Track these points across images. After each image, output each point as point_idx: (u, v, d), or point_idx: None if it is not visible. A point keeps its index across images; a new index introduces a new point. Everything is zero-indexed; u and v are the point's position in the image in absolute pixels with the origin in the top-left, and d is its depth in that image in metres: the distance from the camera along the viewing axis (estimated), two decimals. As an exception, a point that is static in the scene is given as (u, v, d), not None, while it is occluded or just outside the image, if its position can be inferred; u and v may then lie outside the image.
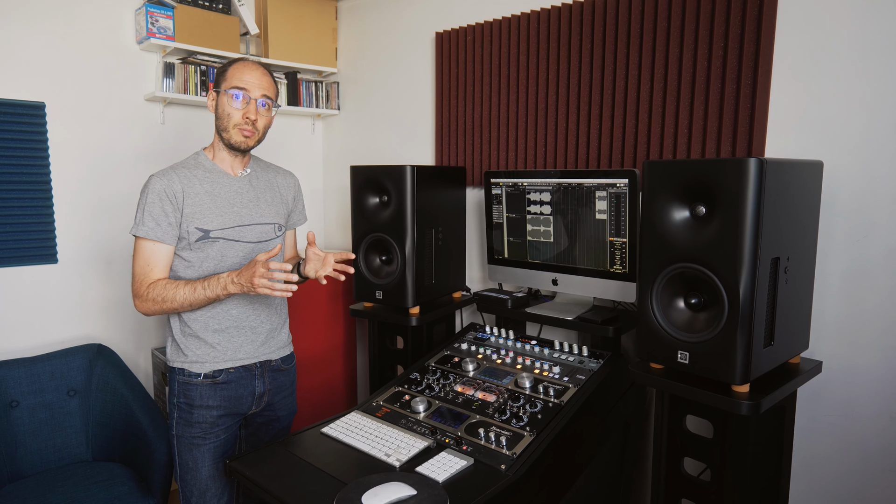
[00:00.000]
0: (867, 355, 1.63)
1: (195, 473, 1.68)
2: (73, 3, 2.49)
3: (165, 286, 1.57)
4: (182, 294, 1.56)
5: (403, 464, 1.44)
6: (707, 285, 1.38)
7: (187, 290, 1.56)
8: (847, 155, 1.62)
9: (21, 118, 2.39)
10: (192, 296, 1.56)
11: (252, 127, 1.63)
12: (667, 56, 1.89)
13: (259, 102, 1.62)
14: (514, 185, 2.12)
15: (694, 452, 1.55)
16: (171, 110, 2.82)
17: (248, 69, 1.63)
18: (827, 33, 1.63)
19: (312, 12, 3.05)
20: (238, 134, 1.63)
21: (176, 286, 1.57)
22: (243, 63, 1.64)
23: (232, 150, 1.67)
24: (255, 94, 1.61)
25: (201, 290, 1.55)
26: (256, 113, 1.62)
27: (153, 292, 1.57)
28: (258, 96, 1.62)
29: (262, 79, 1.64)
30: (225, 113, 1.62)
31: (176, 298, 1.56)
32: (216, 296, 1.56)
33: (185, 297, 1.56)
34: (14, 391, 2.26)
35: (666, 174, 1.42)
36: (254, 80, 1.62)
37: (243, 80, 1.61)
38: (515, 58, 2.31)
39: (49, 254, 2.51)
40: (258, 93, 1.62)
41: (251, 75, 1.62)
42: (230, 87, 1.60)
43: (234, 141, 1.64)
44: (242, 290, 1.52)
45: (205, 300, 1.57)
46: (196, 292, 1.56)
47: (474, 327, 2.20)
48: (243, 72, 1.62)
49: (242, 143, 1.64)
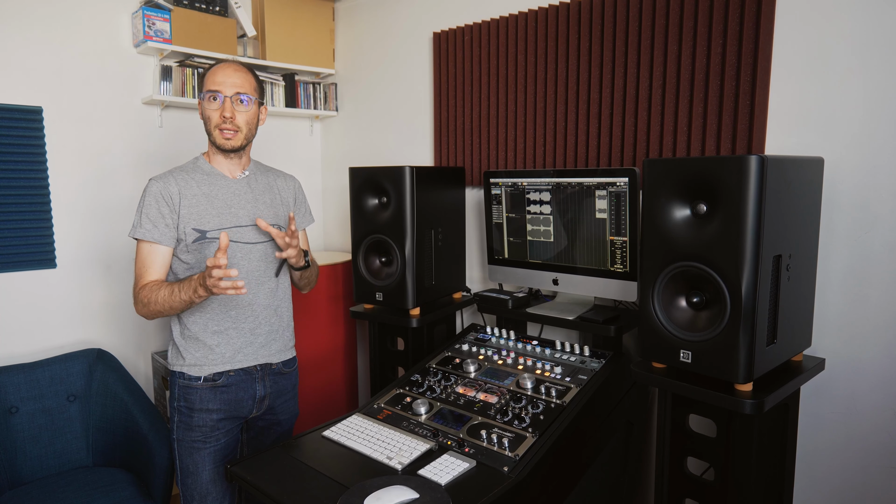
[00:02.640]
0: (870, 351, 1.62)
1: (196, 477, 1.68)
2: (69, 6, 2.49)
3: (152, 288, 1.57)
4: (162, 296, 1.54)
5: (405, 467, 1.43)
6: (709, 284, 1.37)
7: (166, 293, 1.54)
8: (847, 151, 1.61)
9: (18, 123, 2.38)
10: (169, 298, 1.54)
11: (231, 125, 1.62)
12: (665, 53, 1.89)
13: (233, 100, 1.62)
14: (514, 185, 2.11)
15: (697, 451, 1.55)
16: (169, 113, 2.81)
17: (219, 70, 1.63)
18: (826, 28, 1.62)
19: (310, 14, 3.04)
20: (220, 136, 1.64)
21: (159, 288, 1.56)
22: (217, 66, 1.65)
23: (223, 153, 1.68)
24: (227, 92, 1.61)
25: (177, 293, 1.53)
26: (232, 110, 1.62)
27: (142, 293, 1.58)
28: (230, 94, 1.61)
29: (234, 76, 1.63)
30: (205, 117, 1.64)
31: (158, 300, 1.55)
32: (189, 298, 1.51)
33: (165, 299, 1.54)
34: (13, 397, 2.25)
35: (666, 172, 1.42)
36: (225, 79, 1.62)
37: (215, 82, 1.61)
38: (514, 57, 2.31)
39: (48, 258, 2.50)
40: (230, 91, 1.61)
41: (222, 75, 1.62)
42: (205, 91, 1.62)
43: (218, 143, 1.65)
44: (207, 293, 1.47)
45: (181, 303, 1.53)
46: (172, 295, 1.53)
47: (475, 328, 2.19)
48: (216, 74, 1.63)
49: (225, 143, 1.64)
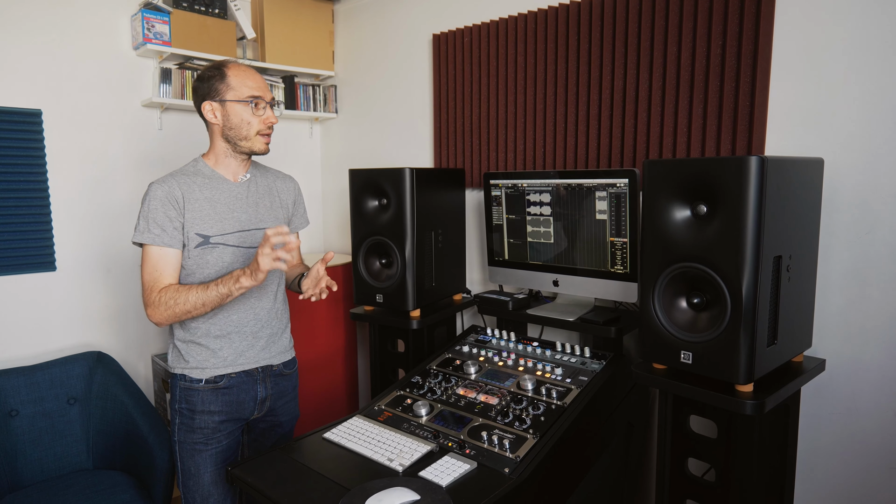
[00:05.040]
0: (870, 352, 1.62)
1: (197, 479, 1.67)
2: (68, 9, 2.49)
3: (178, 289, 1.55)
4: (195, 294, 1.53)
5: (406, 468, 1.43)
6: (709, 285, 1.37)
7: (200, 290, 1.53)
8: (848, 151, 1.61)
9: (18, 126, 2.38)
10: (204, 295, 1.52)
11: (271, 132, 1.65)
12: (665, 54, 1.89)
13: (271, 105, 1.64)
14: (514, 187, 2.11)
15: (698, 453, 1.54)
16: (169, 116, 2.81)
17: (251, 75, 1.63)
18: (826, 29, 1.63)
19: (309, 16, 3.05)
20: (261, 142, 1.64)
21: (188, 288, 1.55)
22: (241, 69, 1.63)
23: (244, 156, 1.68)
24: (268, 98, 1.63)
25: (214, 288, 1.52)
26: (276, 119, 1.65)
27: (164, 296, 1.54)
28: (270, 100, 1.64)
29: (262, 80, 1.65)
30: (243, 122, 1.61)
31: (189, 299, 1.53)
32: (229, 291, 1.51)
33: (198, 297, 1.53)
34: (13, 400, 2.24)
35: (666, 173, 1.42)
36: (262, 84, 1.63)
37: (256, 87, 1.61)
38: (513, 58, 2.31)
39: (47, 262, 2.50)
40: (269, 96, 1.63)
41: (257, 80, 1.63)
42: (244, 97, 1.60)
43: (256, 149, 1.65)
44: (253, 278, 1.47)
45: (217, 298, 1.53)
46: (209, 290, 1.52)
47: (475, 329, 2.19)
48: (249, 77, 1.61)
49: (266, 149, 1.66)
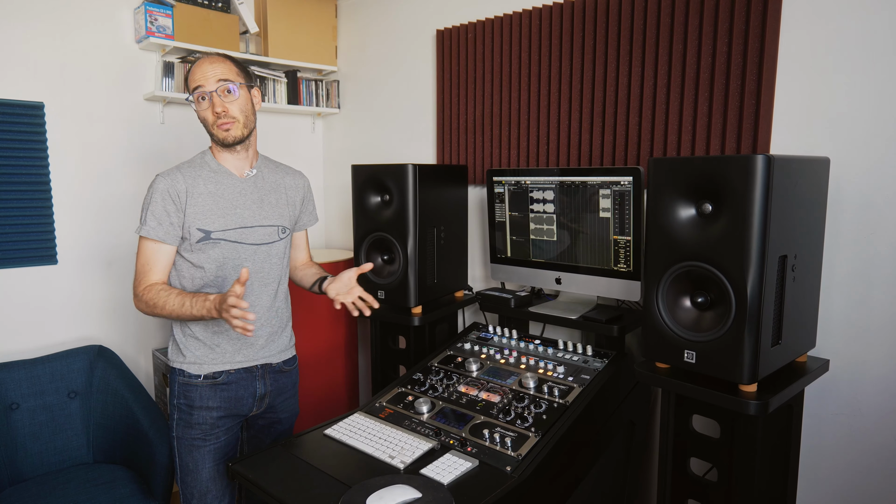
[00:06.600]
0: (874, 353, 1.61)
1: (196, 475, 1.67)
2: (71, 2, 2.48)
3: (159, 291, 1.55)
4: (171, 304, 1.53)
5: (408, 466, 1.43)
6: (714, 284, 1.37)
7: (176, 302, 1.53)
8: (854, 151, 1.60)
9: (20, 118, 2.37)
10: (179, 309, 1.53)
11: (226, 118, 1.59)
12: (671, 52, 1.87)
13: (219, 92, 1.58)
14: (517, 184, 2.10)
15: (700, 452, 1.54)
16: (171, 110, 2.80)
17: (197, 68, 1.60)
18: (832, 27, 1.61)
19: (312, 10, 3.03)
20: (219, 131, 1.61)
21: (168, 294, 1.55)
22: (198, 62, 1.61)
23: (228, 147, 1.64)
24: (210, 86, 1.58)
25: (188, 306, 1.52)
26: (222, 104, 1.58)
27: (148, 295, 1.56)
28: (213, 87, 1.58)
29: (213, 67, 1.59)
30: (200, 117, 1.62)
31: (165, 307, 1.54)
32: (201, 316, 1.51)
33: (174, 309, 1.53)
34: (14, 393, 2.24)
35: (671, 171, 1.41)
36: (204, 73, 1.58)
37: (196, 80, 1.59)
38: (517, 55, 2.30)
39: (49, 255, 2.49)
40: (213, 84, 1.58)
41: (200, 71, 1.59)
42: (192, 92, 1.60)
43: (220, 138, 1.62)
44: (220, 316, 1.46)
45: (190, 316, 1.53)
46: (183, 307, 1.52)
47: (477, 327, 2.18)
48: (195, 71, 1.60)
49: (227, 136, 1.61)
